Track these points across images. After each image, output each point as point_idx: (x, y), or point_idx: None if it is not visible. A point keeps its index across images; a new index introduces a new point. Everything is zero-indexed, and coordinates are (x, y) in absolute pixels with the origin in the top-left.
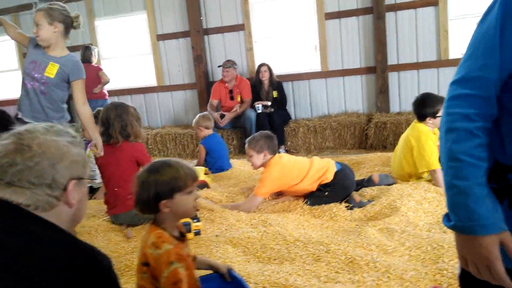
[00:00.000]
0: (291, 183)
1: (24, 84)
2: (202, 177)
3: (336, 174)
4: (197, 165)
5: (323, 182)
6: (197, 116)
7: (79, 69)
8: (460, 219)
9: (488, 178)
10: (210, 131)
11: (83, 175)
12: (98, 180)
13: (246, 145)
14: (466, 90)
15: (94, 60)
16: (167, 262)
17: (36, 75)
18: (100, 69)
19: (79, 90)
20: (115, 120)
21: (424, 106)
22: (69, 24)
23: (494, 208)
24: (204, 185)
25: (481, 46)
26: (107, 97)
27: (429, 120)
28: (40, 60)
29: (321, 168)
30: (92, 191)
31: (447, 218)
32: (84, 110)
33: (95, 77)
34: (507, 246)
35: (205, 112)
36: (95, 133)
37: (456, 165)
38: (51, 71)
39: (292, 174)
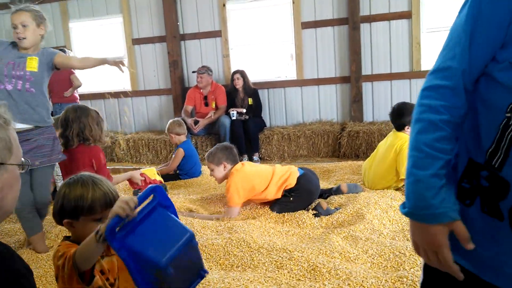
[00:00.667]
0: (257, 189)
1: (2, 88)
2: (154, 177)
3: (299, 178)
4: (169, 169)
5: (287, 188)
6: (170, 121)
7: (51, 50)
8: (413, 206)
9: (460, 178)
10: (183, 137)
11: (4, 160)
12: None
13: (206, 161)
14: (437, 81)
15: None
16: (58, 256)
17: (19, 73)
18: (72, 73)
19: (65, 58)
20: (74, 122)
21: (402, 116)
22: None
23: (447, 199)
24: (164, 185)
25: (453, 37)
26: (78, 100)
27: (407, 129)
28: (17, 60)
29: (283, 174)
30: None
31: (403, 205)
32: (81, 61)
33: (67, 80)
34: (457, 234)
35: (177, 118)
36: (96, 60)
37: (417, 154)
38: (32, 64)
39: (256, 179)
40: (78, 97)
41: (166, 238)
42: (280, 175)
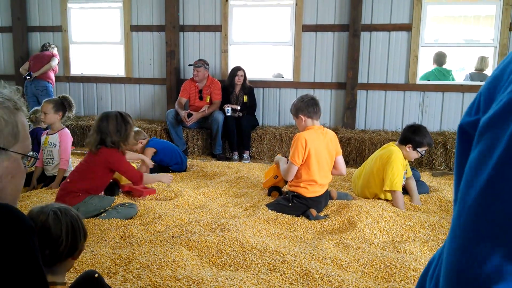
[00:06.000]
0: (312, 161)
1: None
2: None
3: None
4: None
5: (297, 192)
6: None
7: None
8: None
9: None
10: (146, 141)
11: (6, 146)
12: (52, 168)
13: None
14: None
15: (53, 51)
16: None
17: None
18: (54, 55)
19: None
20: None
21: (415, 134)
22: None
23: None
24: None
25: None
26: (51, 82)
27: (408, 148)
28: None
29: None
30: (45, 179)
31: None
32: None
33: (46, 61)
34: None
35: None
36: None
37: None
38: None
39: (313, 150)
40: (53, 79)
41: None
42: (323, 175)
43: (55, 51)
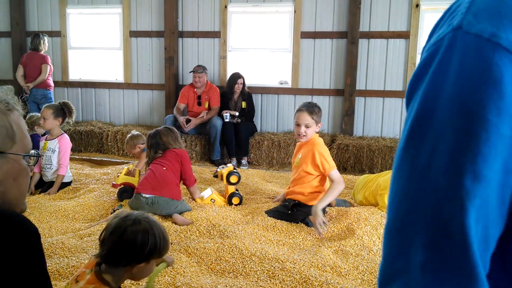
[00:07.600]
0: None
1: None
2: (122, 179)
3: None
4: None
5: (297, 199)
6: (129, 137)
7: None
8: None
9: None
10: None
11: (3, 149)
12: (50, 174)
13: (305, 112)
14: None
15: (43, 48)
16: None
17: None
18: (45, 61)
19: None
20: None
21: None
22: None
23: None
24: (129, 188)
25: None
26: (50, 88)
27: None
28: None
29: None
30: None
31: None
32: None
33: (38, 66)
34: None
35: (133, 132)
36: None
37: None
38: None
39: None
40: (52, 85)
41: None
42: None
43: (45, 45)
